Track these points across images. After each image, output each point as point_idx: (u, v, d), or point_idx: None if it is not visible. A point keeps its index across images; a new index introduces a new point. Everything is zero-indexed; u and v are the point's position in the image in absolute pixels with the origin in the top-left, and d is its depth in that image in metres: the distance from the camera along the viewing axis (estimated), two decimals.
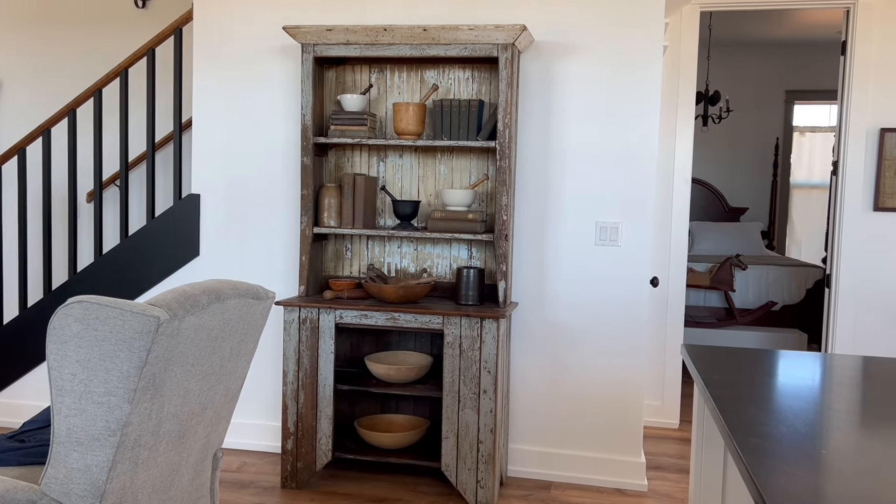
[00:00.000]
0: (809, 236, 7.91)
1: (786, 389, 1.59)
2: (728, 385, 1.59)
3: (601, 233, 3.34)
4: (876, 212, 3.96)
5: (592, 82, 3.32)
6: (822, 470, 1.08)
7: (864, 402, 1.52)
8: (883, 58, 3.90)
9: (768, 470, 1.06)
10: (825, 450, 1.15)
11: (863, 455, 1.15)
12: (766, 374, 1.73)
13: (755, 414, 1.38)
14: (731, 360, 1.84)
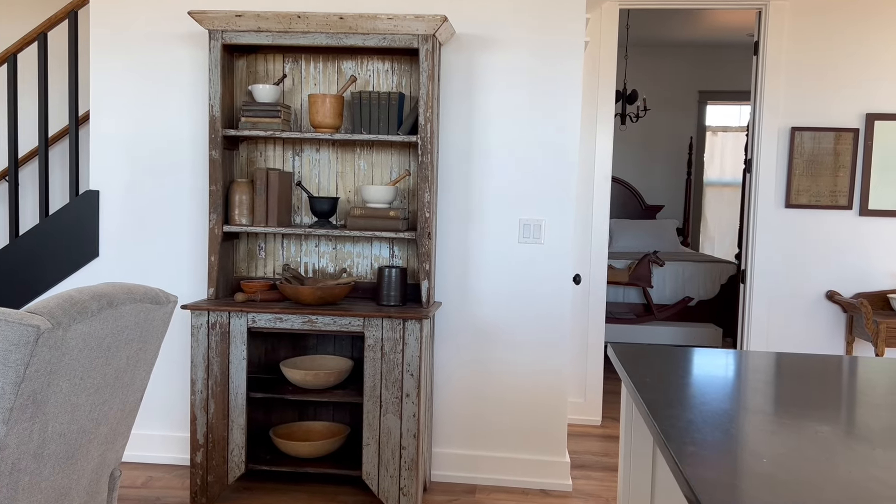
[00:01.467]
0: (722, 233, 8.15)
1: (715, 390, 1.54)
2: (658, 388, 1.53)
3: (524, 230, 3.28)
4: (787, 209, 4.06)
5: (515, 77, 3.25)
6: (761, 477, 1.02)
7: (794, 401, 1.49)
8: (793, 58, 4.00)
9: (709, 485, 0.99)
10: (766, 458, 1.09)
11: (794, 456, 1.10)
12: (694, 373, 1.69)
13: (690, 419, 1.32)
14: (658, 360, 1.79)
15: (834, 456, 1.12)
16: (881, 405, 1.46)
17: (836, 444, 1.18)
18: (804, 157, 4.03)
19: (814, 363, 1.83)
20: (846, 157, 4.00)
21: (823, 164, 4.01)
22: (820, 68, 3.98)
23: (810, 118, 4.01)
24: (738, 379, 1.65)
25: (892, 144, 3.97)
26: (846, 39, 3.96)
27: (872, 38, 3.94)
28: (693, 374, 1.68)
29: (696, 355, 1.88)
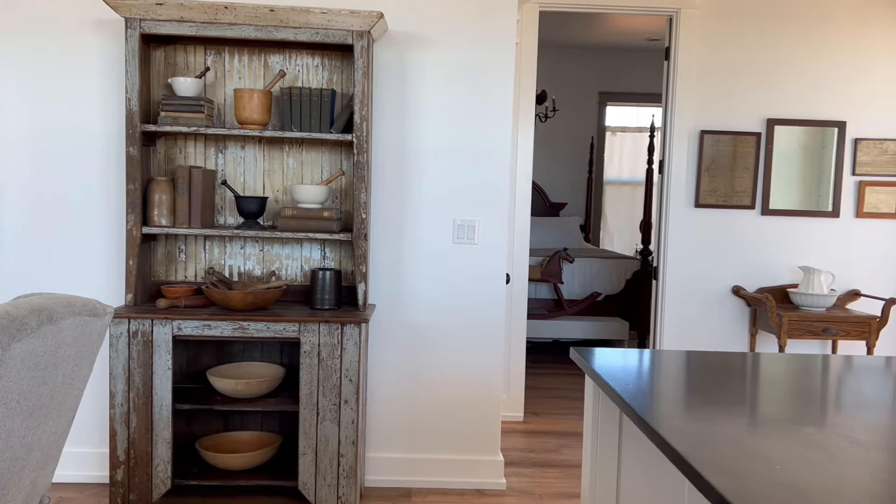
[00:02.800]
0: (621, 229, 8.48)
1: (692, 392, 1.58)
2: (643, 392, 1.56)
3: (459, 231, 3.27)
4: (697, 208, 4.26)
5: (448, 76, 3.23)
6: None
7: (798, 402, 1.55)
8: (703, 64, 4.19)
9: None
10: (779, 465, 1.12)
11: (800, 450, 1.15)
12: (678, 375, 1.73)
13: (704, 433, 1.34)
14: (629, 363, 1.82)
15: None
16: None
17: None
18: (712, 159, 4.24)
19: (781, 361, 1.92)
20: (749, 159, 4.24)
21: (729, 166, 4.23)
22: (727, 74, 4.20)
23: (718, 122, 4.22)
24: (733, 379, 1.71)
25: (790, 148, 4.25)
26: (750, 47, 4.19)
27: (774, 47, 4.19)
28: (677, 375, 1.72)
29: (660, 355, 1.93)
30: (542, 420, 4.40)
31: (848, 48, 4.20)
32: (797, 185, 4.27)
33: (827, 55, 4.20)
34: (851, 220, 4.27)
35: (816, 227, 4.27)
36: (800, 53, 4.20)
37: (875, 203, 4.26)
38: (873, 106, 4.23)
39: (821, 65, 4.20)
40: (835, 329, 3.94)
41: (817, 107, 4.23)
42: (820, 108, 4.23)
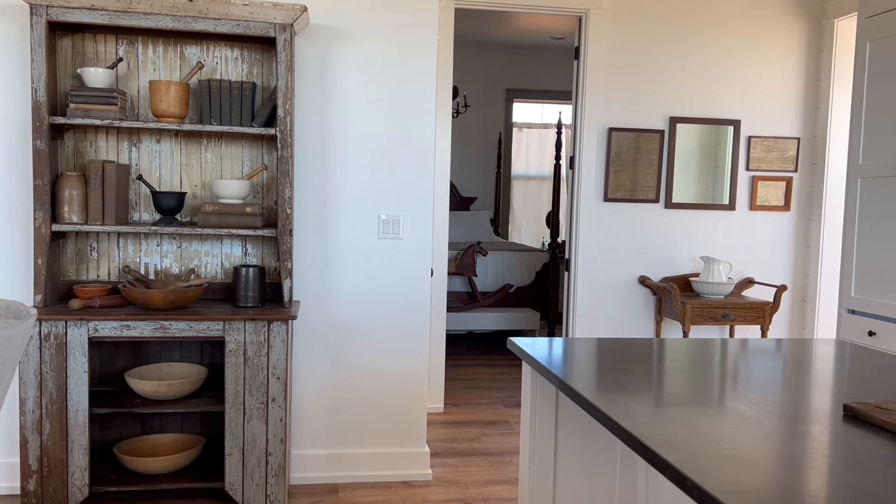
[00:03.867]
0: (528, 223, 8.71)
1: (621, 377, 1.68)
2: (585, 378, 1.64)
3: (384, 226, 3.29)
4: (606, 202, 4.45)
5: (371, 71, 3.23)
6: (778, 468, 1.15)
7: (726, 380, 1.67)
8: (610, 63, 4.38)
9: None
10: (724, 440, 1.22)
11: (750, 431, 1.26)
12: (618, 363, 1.82)
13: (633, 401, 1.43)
14: (565, 351, 1.91)
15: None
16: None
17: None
18: (619, 155, 4.43)
19: (686, 345, 2.06)
20: (654, 155, 4.47)
21: (635, 162, 4.44)
22: (633, 74, 4.40)
23: (625, 119, 4.42)
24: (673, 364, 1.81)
25: (690, 144, 4.50)
26: (655, 49, 4.41)
27: (676, 48, 4.43)
28: (617, 362, 1.81)
29: (582, 344, 2.03)
30: (463, 410, 4.49)
31: (743, 51, 4.49)
32: (697, 180, 4.53)
33: (724, 57, 4.47)
34: (746, 212, 4.58)
35: (715, 219, 4.55)
36: (699, 55, 4.45)
37: (766, 197, 4.58)
38: (765, 106, 4.54)
39: (718, 66, 4.47)
40: (733, 315, 4.22)
41: (715, 106, 4.50)
42: (717, 108, 4.50)
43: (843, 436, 1.28)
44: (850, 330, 3.49)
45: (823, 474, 1.09)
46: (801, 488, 1.03)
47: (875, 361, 1.93)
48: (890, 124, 3.27)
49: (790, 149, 4.58)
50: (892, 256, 3.24)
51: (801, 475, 1.08)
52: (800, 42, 4.55)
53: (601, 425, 1.70)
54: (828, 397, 1.55)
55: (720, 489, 1.00)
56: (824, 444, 1.23)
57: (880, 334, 3.30)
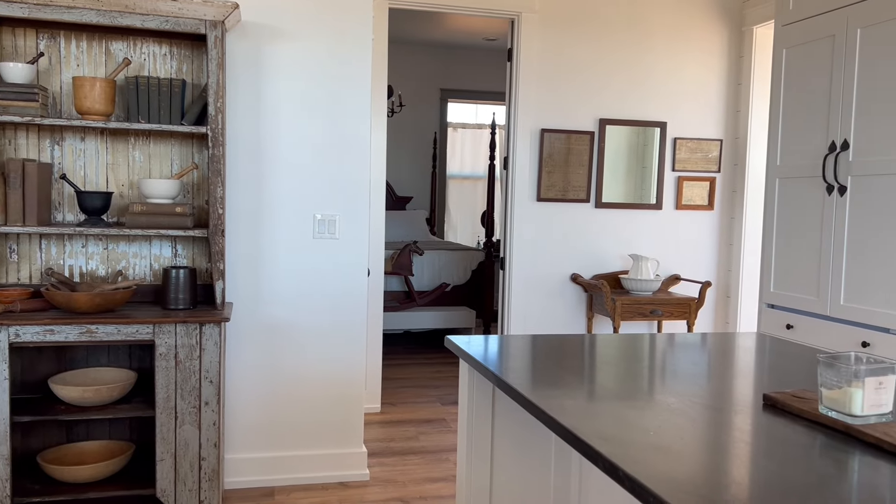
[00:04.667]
0: (463, 222, 8.77)
1: (565, 372, 1.72)
2: (521, 374, 1.67)
3: (319, 226, 3.26)
4: (539, 202, 4.53)
5: (305, 69, 3.21)
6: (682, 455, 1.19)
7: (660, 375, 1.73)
8: (543, 66, 4.46)
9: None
10: (653, 431, 1.27)
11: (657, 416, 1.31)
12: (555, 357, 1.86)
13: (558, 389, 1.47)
14: (501, 348, 1.94)
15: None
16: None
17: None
18: (552, 155, 4.52)
19: (615, 340, 2.12)
20: (584, 156, 4.57)
21: (567, 163, 4.54)
22: (564, 76, 4.49)
23: (556, 121, 4.51)
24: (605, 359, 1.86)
25: (619, 146, 4.63)
26: (585, 52, 4.51)
27: (605, 52, 4.54)
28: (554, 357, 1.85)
29: (515, 341, 2.07)
30: (400, 410, 4.49)
31: (668, 56, 4.64)
32: (626, 181, 4.66)
33: (650, 61, 4.61)
34: (672, 211, 4.73)
35: (643, 218, 4.69)
36: (627, 59, 4.58)
37: (691, 196, 4.75)
38: (689, 108, 4.71)
39: (645, 70, 4.61)
40: (660, 311, 4.36)
41: (642, 108, 4.63)
42: (645, 110, 4.64)
43: (764, 424, 1.35)
44: (769, 323, 3.65)
45: (746, 461, 1.15)
46: (726, 475, 1.08)
47: (792, 353, 2.03)
48: (805, 127, 3.44)
49: (713, 150, 4.76)
50: (807, 254, 3.41)
51: (725, 463, 1.14)
52: (721, 47, 4.73)
53: (536, 420, 1.74)
54: (749, 388, 1.63)
55: (650, 478, 1.05)
56: (746, 433, 1.29)
57: (797, 327, 3.47)
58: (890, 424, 1.29)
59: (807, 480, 1.07)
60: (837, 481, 1.07)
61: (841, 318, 3.21)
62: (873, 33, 3.07)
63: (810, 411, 1.38)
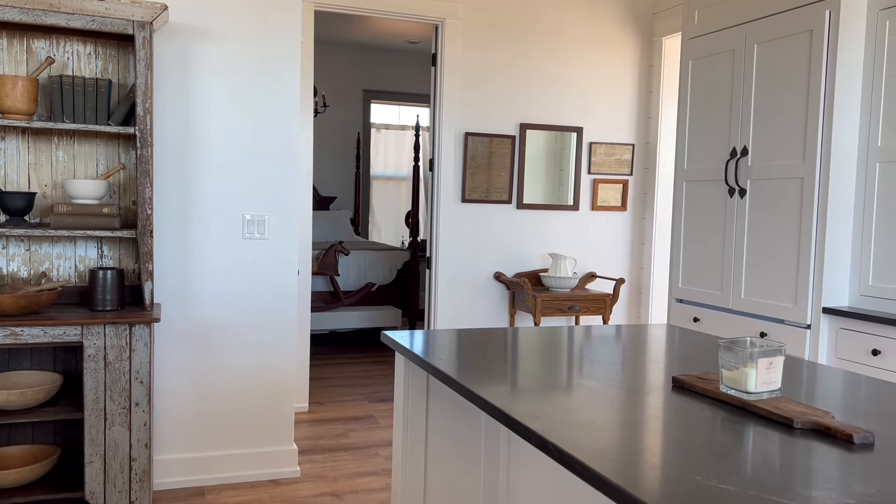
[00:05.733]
0: (387, 222, 8.85)
1: (495, 363, 1.85)
2: (454, 363, 1.79)
3: (248, 226, 3.29)
4: (464, 203, 4.68)
5: (234, 70, 3.23)
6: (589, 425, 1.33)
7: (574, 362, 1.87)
8: (466, 70, 4.60)
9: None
10: (578, 410, 1.41)
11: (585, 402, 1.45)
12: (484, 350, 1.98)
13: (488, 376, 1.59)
14: (435, 341, 2.05)
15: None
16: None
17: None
18: (476, 158, 4.67)
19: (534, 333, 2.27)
20: (506, 159, 4.74)
21: (490, 165, 4.70)
22: (487, 81, 4.65)
23: (480, 124, 4.66)
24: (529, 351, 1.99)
25: (538, 149, 4.82)
26: (506, 58, 4.68)
27: (525, 58, 4.73)
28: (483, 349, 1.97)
29: (445, 335, 2.19)
30: (327, 408, 4.55)
31: (584, 64, 4.87)
32: (545, 183, 4.86)
33: (568, 69, 4.83)
34: (588, 212, 4.97)
35: (561, 218, 4.90)
36: (546, 66, 4.78)
37: (606, 198, 5.00)
38: (604, 114, 4.95)
39: (563, 77, 4.82)
40: (578, 306, 4.58)
41: (560, 114, 4.85)
42: (562, 115, 4.85)
43: (673, 402, 1.51)
44: (678, 317, 3.91)
45: (657, 433, 1.30)
46: (640, 444, 1.23)
47: (698, 341, 2.23)
48: (709, 134, 3.71)
49: (626, 154, 5.02)
50: (712, 252, 3.68)
51: (639, 434, 1.29)
52: (633, 57, 5.00)
53: (467, 407, 1.86)
54: (660, 372, 1.80)
55: (576, 449, 1.18)
56: (658, 410, 1.45)
57: (703, 320, 3.73)
58: (779, 399, 1.48)
59: (710, 447, 1.23)
60: (736, 447, 1.23)
61: (742, 311, 3.49)
62: (768, 49, 3.35)
63: (713, 390, 1.55)
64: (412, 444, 2.10)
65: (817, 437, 1.30)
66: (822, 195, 3.08)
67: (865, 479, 1.10)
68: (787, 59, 3.24)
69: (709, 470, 1.12)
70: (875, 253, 3.01)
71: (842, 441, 1.28)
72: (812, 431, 1.33)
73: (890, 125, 2.95)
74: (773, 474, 1.11)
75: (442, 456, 2.03)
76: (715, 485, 1.06)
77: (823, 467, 1.15)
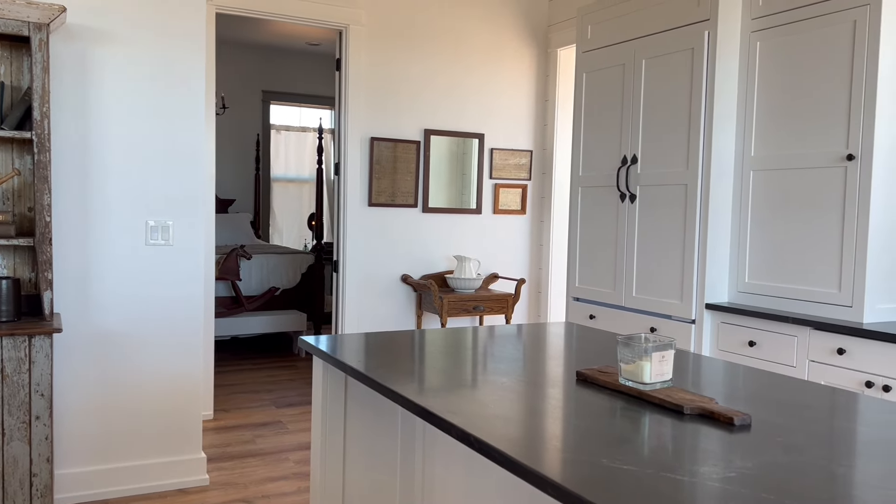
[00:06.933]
0: (289, 225, 8.75)
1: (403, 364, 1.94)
2: (373, 365, 1.86)
3: (152, 233, 3.24)
4: (371, 206, 4.74)
5: (136, 74, 3.17)
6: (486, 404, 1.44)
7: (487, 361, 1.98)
8: (371, 76, 4.67)
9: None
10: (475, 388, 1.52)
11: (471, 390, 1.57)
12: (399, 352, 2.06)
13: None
14: (349, 345, 2.12)
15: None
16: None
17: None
18: (381, 163, 4.75)
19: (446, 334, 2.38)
20: (412, 164, 4.84)
21: (396, 170, 4.79)
22: (392, 87, 4.73)
23: (385, 129, 4.74)
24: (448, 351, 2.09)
25: (442, 154, 4.95)
26: (410, 65, 4.78)
27: (428, 66, 4.84)
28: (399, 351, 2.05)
29: (358, 338, 2.26)
30: (233, 415, 4.50)
31: (485, 72, 5.03)
32: (449, 187, 4.99)
33: (469, 77, 4.98)
34: (490, 215, 5.14)
35: (465, 222, 5.05)
36: (448, 74, 4.91)
37: (507, 202, 5.19)
38: (503, 121, 5.14)
39: (464, 85, 4.97)
40: (483, 306, 4.74)
41: (463, 120, 4.99)
42: (465, 122, 5.00)
43: (577, 394, 1.65)
44: (575, 314, 4.13)
45: (566, 422, 1.43)
46: (548, 432, 1.35)
47: (597, 338, 2.40)
48: (603, 143, 3.94)
49: (525, 159, 5.23)
50: (605, 253, 3.92)
51: (547, 423, 1.41)
52: (531, 67, 5.21)
53: (384, 406, 1.95)
54: (564, 367, 1.94)
55: (496, 440, 1.29)
56: (564, 402, 1.59)
57: (599, 317, 3.96)
58: (670, 388, 1.64)
59: (611, 432, 1.37)
60: (634, 432, 1.38)
61: (633, 308, 3.73)
62: (655, 64, 3.61)
63: (612, 382, 1.70)
64: (331, 446, 2.16)
65: (704, 421, 1.46)
66: (704, 201, 3.35)
67: (744, 455, 1.26)
68: (672, 75, 3.50)
69: (613, 453, 1.25)
70: (750, 253, 3.30)
71: (724, 423, 1.45)
72: (699, 416, 1.50)
73: (762, 137, 3.25)
74: (667, 455, 1.25)
75: (360, 455, 2.10)
76: (619, 466, 1.19)
77: (709, 447, 1.30)
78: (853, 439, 1.38)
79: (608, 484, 1.11)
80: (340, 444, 2.15)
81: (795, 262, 3.10)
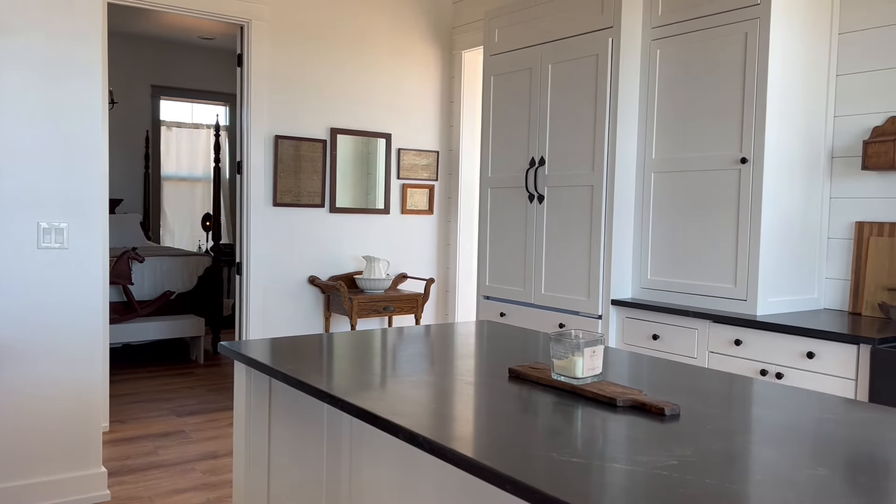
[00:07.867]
0: (181, 226, 8.40)
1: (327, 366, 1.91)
2: (302, 370, 1.82)
3: (45, 235, 3.02)
4: (275, 206, 4.63)
5: (27, 68, 2.95)
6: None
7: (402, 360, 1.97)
8: (274, 73, 4.56)
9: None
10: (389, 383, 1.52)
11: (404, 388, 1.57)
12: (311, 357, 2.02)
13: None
14: (273, 349, 2.06)
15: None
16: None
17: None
18: (286, 162, 4.64)
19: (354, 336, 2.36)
20: (318, 163, 4.77)
21: (302, 169, 4.70)
22: (297, 85, 4.64)
23: (290, 128, 4.64)
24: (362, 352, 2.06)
25: (348, 154, 4.90)
26: (315, 63, 4.70)
27: (334, 65, 4.78)
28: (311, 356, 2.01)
29: (278, 343, 2.21)
30: (131, 426, 4.27)
31: (390, 72, 5.02)
32: (356, 187, 4.95)
33: (375, 77, 4.96)
34: (399, 215, 5.14)
35: (373, 222, 5.03)
36: (354, 73, 4.87)
37: (415, 202, 5.20)
38: (410, 121, 5.15)
39: (371, 85, 4.95)
40: (393, 307, 4.73)
41: (369, 120, 4.96)
42: (371, 122, 4.98)
43: (513, 391, 1.68)
44: (486, 312, 4.20)
45: (501, 417, 1.45)
46: (489, 427, 1.37)
47: (515, 334, 2.45)
48: (511, 145, 4.02)
49: (431, 160, 5.26)
50: (515, 252, 4.00)
51: (487, 420, 1.43)
52: (436, 68, 5.25)
53: (310, 409, 1.91)
54: (494, 365, 1.97)
55: (442, 438, 1.29)
56: (500, 399, 1.61)
57: (509, 314, 4.04)
58: (602, 382, 1.70)
59: (546, 425, 1.40)
60: (567, 423, 1.42)
61: (543, 305, 3.83)
62: (562, 69, 3.72)
63: (546, 378, 1.74)
64: (255, 451, 2.10)
65: (636, 413, 1.52)
66: (609, 201, 3.49)
67: (680, 443, 1.33)
68: (578, 79, 3.62)
69: (558, 446, 1.28)
70: (652, 250, 3.47)
71: (656, 414, 1.51)
72: (632, 408, 1.56)
73: (661, 140, 3.42)
74: (608, 445, 1.30)
75: (285, 458, 2.05)
76: (567, 459, 1.22)
77: (646, 436, 1.36)
78: (772, 423, 1.47)
79: (561, 476, 1.13)
80: (265, 448, 2.09)
81: (695, 259, 3.28)
